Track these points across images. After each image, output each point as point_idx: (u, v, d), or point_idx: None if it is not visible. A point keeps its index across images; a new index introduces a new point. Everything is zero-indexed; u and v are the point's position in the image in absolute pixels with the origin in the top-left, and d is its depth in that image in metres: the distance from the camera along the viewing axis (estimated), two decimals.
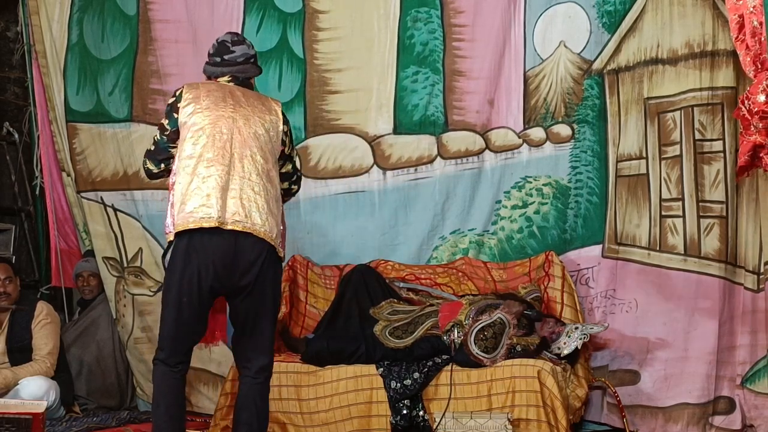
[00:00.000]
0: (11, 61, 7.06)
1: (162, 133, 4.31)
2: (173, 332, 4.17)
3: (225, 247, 4.11)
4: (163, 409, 4.15)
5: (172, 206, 4.19)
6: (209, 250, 4.09)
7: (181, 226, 4.11)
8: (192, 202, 4.09)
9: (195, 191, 4.10)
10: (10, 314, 5.72)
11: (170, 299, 4.16)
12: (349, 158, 6.19)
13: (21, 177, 6.99)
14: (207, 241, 4.09)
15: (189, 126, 4.21)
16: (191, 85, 4.36)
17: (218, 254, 4.10)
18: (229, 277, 4.14)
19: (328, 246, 6.18)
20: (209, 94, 4.27)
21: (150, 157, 4.36)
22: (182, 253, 4.12)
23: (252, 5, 6.27)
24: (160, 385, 4.18)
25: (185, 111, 4.24)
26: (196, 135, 4.19)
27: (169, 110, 4.30)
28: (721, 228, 5.51)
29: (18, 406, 4.73)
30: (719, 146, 5.56)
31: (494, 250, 6.01)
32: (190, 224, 4.08)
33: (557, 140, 5.93)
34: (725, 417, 5.39)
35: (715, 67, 5.55)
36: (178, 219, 4.12)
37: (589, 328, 5.36)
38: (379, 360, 5.28)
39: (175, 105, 4.28)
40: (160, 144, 4.32)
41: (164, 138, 4.30)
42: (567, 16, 5.89)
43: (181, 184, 4.16)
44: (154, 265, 6.32)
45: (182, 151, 4.21)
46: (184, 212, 4.10)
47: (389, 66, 6.15)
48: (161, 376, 4.17)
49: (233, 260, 4.12)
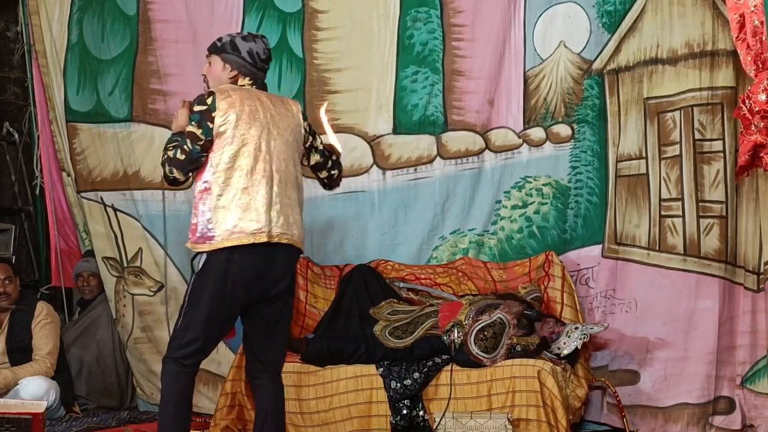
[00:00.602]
0: (11, 61, 7.06)
1: (195, 142, 4.13)
2: (201, 335, 4.13)
3: (269, 259, 4.16)
4: (171, 409, 4.12)
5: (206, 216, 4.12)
6: (252, 262, 4.12)
7: (230, 241, 4.08)
8: (241, 217, 4.09)
9: (242, 206, 4.11)
10: (10, 314, 5.72)
11: (203, 304, 4.11)
12: (348, 158, 6.16)
13: (21, 177, 7.00)
14: (251, 255, 4.11)
15: (228, 136, 4.14)
16: (222, 92, 4.22)
17: (261, 267, 4.15)
18: (265, 286, 4.19)
19: (328, 246, 6.18)
20: (243, 103, 4.19)
21: (179, 166, 4.15)
22: (222, 265, 4.09)
23: (251, 5, 6.27)
24: (171, 385, 4.13)
25: (222, 120, 4.14)
26: (237, 146, 4.14)
27: (201, 119, 4.14)
28: (720, 228, 5.51)
29: (18, 406, 4.73)
30: (719, 146, 5.55)
31: (494, 250, 6.01)
32: (243, 239, 4.08)
33: (557, 140, 5.93)
34: (725, 417, 5.39)
35: (715, 67, 5.54)
36: (222, 232, 4.08)
37: (589, 328, 5.36)
38: (379, 360, 5.28)
39: (209, 114, 4.14)
40: (193, 153, 4.14)
41: (197, 147, 4.14)
42: (567, 16, 5.88)
43: (223, 197, 4.12)
44: (154, 265, 6.32)
45: (220, 162, 4.13)
46: (231, 227, 4.09)
47: (389, 66, 6.14)
48: (174, 376, 4.12)
49: (272, 271, 4.18)
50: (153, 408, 6.25)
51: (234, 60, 4.34)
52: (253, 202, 4.12)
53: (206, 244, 4.11)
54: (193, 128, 4.15)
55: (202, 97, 4.21)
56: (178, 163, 4.16)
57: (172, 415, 4.12)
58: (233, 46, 4.35)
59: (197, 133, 4.14)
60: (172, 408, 4.12)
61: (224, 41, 4.38)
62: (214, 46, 4.40)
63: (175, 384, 4.12)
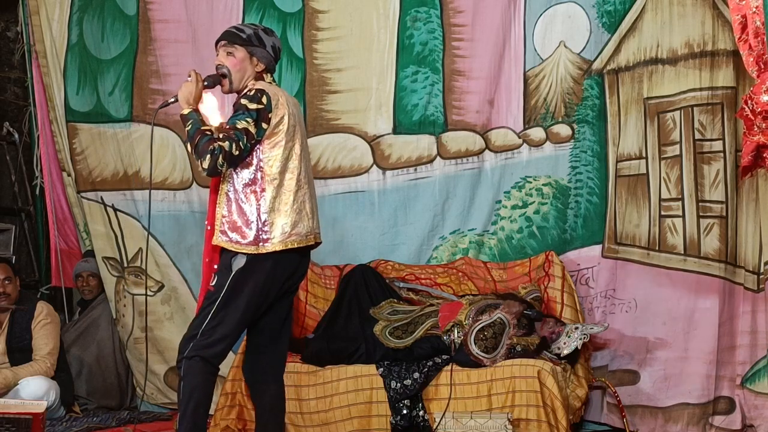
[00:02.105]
0: (11, 61, 7.06)
1: (249, 140, 4.02)
2: (233, 335, 4.12)
3: (303, 259, 4.24)
4: (202, 411, 4.06)
5: (265, 218, 4.08)
6: (294, 263, 4.18)
7: (287, 244, 4.09)
8: (297, 219, 4.12)
9: (297, 209, 4.13)
10: (10, 314, 5.72)
11: (240, 303, 4.07)
12: (348, 158, 6.19)
13: (21, 177, 7.00)
14: (296, 256, 4.17)
15: (281, 138, 4.10)
16: (273, 91, 4.12)
17: (296, 266, 4.20)
18: (288, 284, 4.24)
19: (328, 246, 6.15)
20: (288, 104, 4.16)
21: (231, 161, 4.02)
22: (266, 266, 4.09)
23: (251, 5, 6.28)
24: (203, 386, 4.06)
25: (277, 121, 4.09)
26: (289, 149, 4.13)
27: (258, 117, 4.03)
28: (720, 228, 5.51)
29: (18, 406, 4.73)
30: (719, 146, 5.55)
31: (494, 250, 6.01)
32: (299, 242, 4.12)
33: (557, 140, 5.93)
34: (725, 417, 5.39)
35: (715, 67, 5.54)
36: (278, 235, 4.08)
37: (589, 328, 5.36)
38: (379, 360, 5.28)
39: (266, 114, 4.05)
40: (245, 151, 4.03)
41: (249, 146, 4.04)
42: (567, 16, 5.88)
43: (277, 199, 4.10)
44: (154, 265, 6.32)
45: (274, 164, 4.10)
46: (290, 230, 4.10)
47: (389, 66, 6.15)
48: (205, 376, 4.06)
49: (299, 269, 4.26)
50: (153, 408, 6.26)
51: (262, 54, 4.20)
52: (304, 205, 4.16)
53: (261, 247, 4.08)
54: (250, 126, 4.03)
55: (255, 94, 4.07)
56: (231, 158, 4.01)
57: (204, 416, 4.07)
58: (259, 40, 4.21)
59: (252, 131, 4.04)
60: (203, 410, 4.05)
61: (248, 33, 4.20)
62: (239, 37, 4.19)
63: (205, 385, 4.06)
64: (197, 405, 4.02)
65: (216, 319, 4.06)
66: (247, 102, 4.05)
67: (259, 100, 4.05)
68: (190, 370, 4.02)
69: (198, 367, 4.02)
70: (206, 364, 4.04)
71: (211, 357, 4.05)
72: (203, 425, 4.07)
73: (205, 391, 4.06)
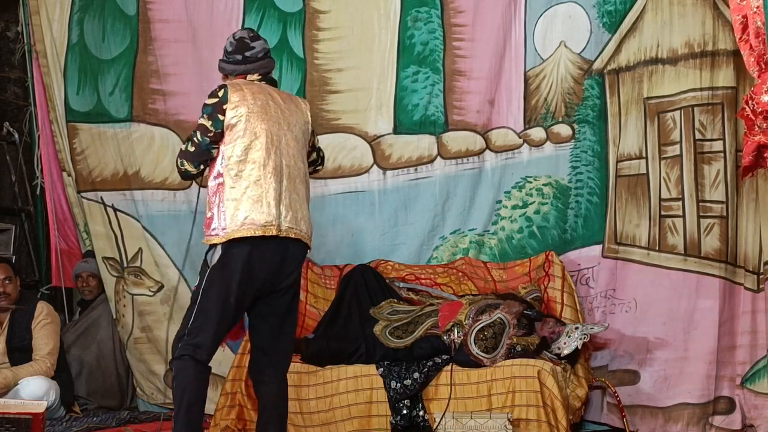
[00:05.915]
0: (11, 61, 7.06)
1: (204, 134, 4.20)
2: (217, 329, 4.14)
3: (279, 253, 4.19)
4: (196, 409, 4.09)
5: (220, 209, 4.15)
6: (265, 256, 4.16)
7: (240, 232, 4.11)
8: (252, 209, 4.12)
9: (253, 198, 4.13)
10: (10, 314, 5.72)
11: (215, 299, 4.12)
12: (348, 158, 6.19)
13: (21, 177, 6.99)
14: (264, 248, 4.15)
15: (240, 129, 4.17)
16: (234, 85, 4.27)
17: (271, 261, 4.18)
18: (273, 281, 4.22)
19: (328, 246, 6.18)
20: (255, 97, 4.23)
21: (190, 158, 4.25)
22: (237, 257, 4.12)
23: (252, 5, 6.27)
24: (195, 384, 4.10)
25: (233, 113, 4.17)
26: (249, 139, 4.18)
27: (212, 111, 4.20)
28: (721, 228, 5.51)
29: (18, 406, 4.73)
30: (719, 146, 5.55)
31: (494, 250, 6.01)
32: (253, 231, 4.11)
33: (557, 140, 5.93)
34: (725, 417, 5.39)
35: (715, 67, 5.55)
36: (232, 224, 4.12)
37: (589, 328, 5.36)
38: (379, 360, 5.28)
39: (220, 106, 4.19)
40: (203, 146, 4.21)
41: (207, 139, 4.20)
42: (567, 16, 5.89)
43: (235, 189, 4.15)
44: (154, 265, 6.32)
45: (233, 154, 4.17)
46: (242, 218, 4.11)
47: (389, 66, 6.15)
48: (197, 374, 4.10)
49: (282, 266, 4.22)
50: (153, 408, 6.26)
51: (230, 69, 4.42)
52: (264, 195, 4.15)
53: (218, 236, 4.14)
54: (204, 120, 4.20)
55: (215, 90, 4.24)
56: (188, 155, 4.24)
57: (198, 414, 4.10)
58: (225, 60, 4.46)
59: (207, 125, 4.20)
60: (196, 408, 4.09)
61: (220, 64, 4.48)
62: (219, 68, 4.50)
63: (198, 384, 4.10)
64: (190, 403, 4.07)
65: (199, 317, 4.13)
66: (207, 99, 4.26)
67: (216, 94, 4.23)
68: (181, 369, 4.10)
69: (188, 366, 4.09)
70: (196, 362, 4.09)
71: (200, 355, 4.10)
72: (198, 423, 4.11)
73: (197, 390, 4.10)
